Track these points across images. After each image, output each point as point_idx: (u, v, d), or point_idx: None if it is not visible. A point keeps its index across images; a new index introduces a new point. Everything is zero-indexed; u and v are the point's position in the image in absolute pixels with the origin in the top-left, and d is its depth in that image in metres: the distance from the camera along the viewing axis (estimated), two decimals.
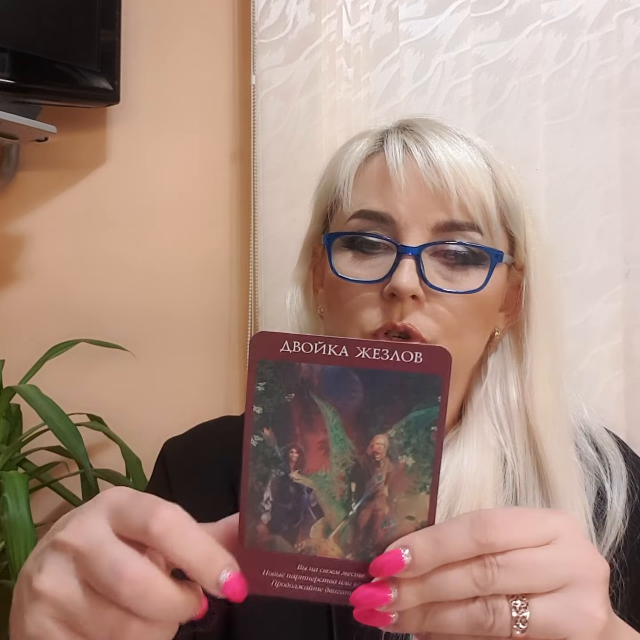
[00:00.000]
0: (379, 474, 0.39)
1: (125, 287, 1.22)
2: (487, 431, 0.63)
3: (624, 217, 1.02)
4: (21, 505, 0.89)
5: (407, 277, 0.56)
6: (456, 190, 0.57)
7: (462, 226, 0.58)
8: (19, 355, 1.14)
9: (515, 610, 0.36)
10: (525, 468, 0.61)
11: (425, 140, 0.60)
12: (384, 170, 0.60)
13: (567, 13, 1.02)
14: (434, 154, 0.58)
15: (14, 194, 1.25)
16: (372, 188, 0.60)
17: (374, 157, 0.62)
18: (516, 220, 0.62)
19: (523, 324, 0.63)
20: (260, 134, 1.09)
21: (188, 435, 0.72)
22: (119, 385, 1.22)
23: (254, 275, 1.12)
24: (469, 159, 0.59)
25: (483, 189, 0.58)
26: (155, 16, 1.21)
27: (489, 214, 0.59)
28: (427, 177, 0.58)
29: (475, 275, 0.59)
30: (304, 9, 1.08)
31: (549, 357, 0.63)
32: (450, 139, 0.60)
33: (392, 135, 0.61)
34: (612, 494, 0.62)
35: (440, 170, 0.58)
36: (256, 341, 0.38)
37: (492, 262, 0.59)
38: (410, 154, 0.59)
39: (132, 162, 1.23)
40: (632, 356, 1.02)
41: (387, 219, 0.59)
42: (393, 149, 0.60)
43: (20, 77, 1.07)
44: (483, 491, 0.60)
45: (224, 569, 0.36)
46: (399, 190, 0.58)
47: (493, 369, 0.65)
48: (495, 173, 0.60)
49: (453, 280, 0.59)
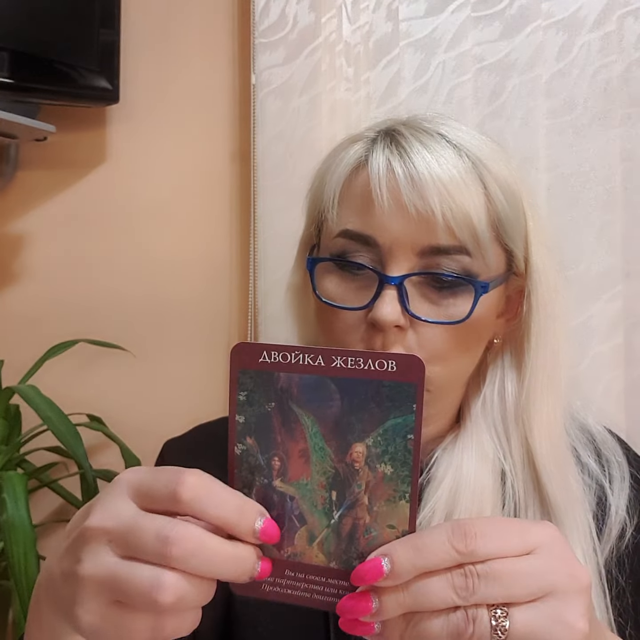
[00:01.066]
0: (358, 483, 0.39)
1: (125, 286, 1.22)
2: (486, 443, 0.62)
3: (624, 217, 1.02)
4: (20, 506, 0.89)
5: (388, 308, 0.54)
6: (442, 213, 0.54)
7: (449, 250, 0.56)
8: (18, 355, 1.14)
9: (495, 619, 0.36)
10: (524, 484, 0.60)
11: (409, 157, 0.56)
12: (368, 187, 0.57)
13: (567, 12, 1.02)
14: (416, 172, 0.55)
15: (13, 194, 1.25)
16: (356, 205, 0.58)
17: (360, 171, 0.59)
18: (512, 233, 0.59)
19: (524, 334, 0.62)
20: (260, 134, 1.09)
21: (187, 436, 0.72)
22: (118, 385, 1.22)
23: (254, 275, 1.12)
24: (457, 174, 0.55)
25: (471, 210, 0.55)
26: (155, 16, 1.21)
27: (478, 235, 0.55)
28: (410, 200, 0.55)
29: (465, 297, 0.56)
30: (304, 9, 1.07)
31: (549, 370, 0.62)
32: (437, 152, 0.56)
33: (377, 148, 0.58)
34: (613, 500, 0.62)
35: (424, 192, 0.54)
36: (236, 351, 0.39)
37: (477, 293, 0.56)
38: (392, 173, 0.56)
39: (131, 162, 1.23)
40: (632, 356, 1.02)
41: (371, 242, 0.57)
42: (377, 167, 0.57)
43: (19, 77, 1.07)
44: (482, 499, 0.59)
45: (257, 517, 0.38)
46: (381, 213, 0.56)
47: (491, 378, 0.64)
48: (488, 185, 0.57)
49: (440, 304, 0.57)
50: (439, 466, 0.61)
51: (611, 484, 0.62)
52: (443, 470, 0.60)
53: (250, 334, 1.15)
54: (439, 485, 0.59)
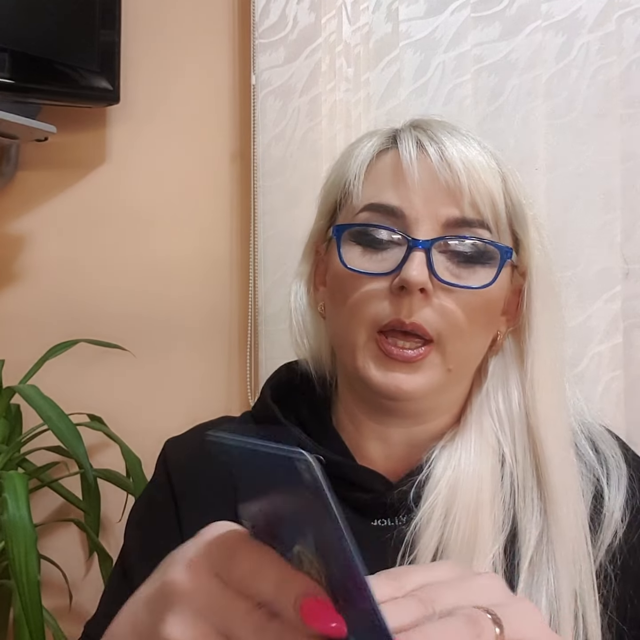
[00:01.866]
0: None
1: (125, 286, 1.22)
2: (487, 430, 0.62)
3: (624, 217, 1.02)
4: (21, 505, 0.89)
5: (418, 269, 0.56)
6: (468, 187, 0.58)
7: (473, 223, 0.59)
8: (19, 355, 1.14)
9: None
10: (524, 469, 0.61)
11: (438, 138, 0.60)
12: (397, 165, 0.60)
13: (567, 13, 1.02)
14: (447, 151, 0.59)
15: (13, 194, 1.25)
16: (384, 182, 0.60)
17: (386, 153, 0.62)
18: (522, 222, 0.62)
19: (524, 327, 0.63)
20: (260, 134, 1.09)
21: (188, 435, 0.73)
22: (119, 385, 1.22)
23: (254, 275, 1.12)
24: (481, 157, 0.60)
25: (494, 188, 0.59)
26: (155, 16, 1.21)
27: (498, 212, 0.59)
28: (440, 173, 0.58)
29: (482, 273, 0.59)
30: (304, 9, 1.08)
31: (550, 360, 0.63)
32: (462, 139, 0.61)
33: (405, 132, 0.62)
34: (610, 496, 0.62)
35: (453, 167, 0.58)
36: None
37: (502, 258, 0.59)
38: (423, 150, 0.60)
39: (131, 162, 1.23)
40: (632, 356, 1.02)
41: (397, 213, 0.59)
42: (407, 145, 0.60)
43: (20, 77, 1.07)
44: (480, 493, 0.59)
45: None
46: (412, 184, 0.59)
47: (494, 372, 0.64)
48: (505, 175, 0.61)
49: (460, 277, 0.59)
50: (438, 463, 0.61)
51: (608, 479, 0.63)
52: (442, 467, 0.61)
53: (250, 334, 1.15)
54: (437, 482, 0.60)
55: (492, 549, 0.58)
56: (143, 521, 0.68)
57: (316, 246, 0.68)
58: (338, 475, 0.61)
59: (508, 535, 0.59)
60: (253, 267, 1.12)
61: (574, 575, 0.58)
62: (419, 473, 0.61)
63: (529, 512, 0.60)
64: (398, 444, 0.64)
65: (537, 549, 0.58)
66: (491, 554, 0.58)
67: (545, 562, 0.58)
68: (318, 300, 0.67)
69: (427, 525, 0.58)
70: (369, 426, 0.64)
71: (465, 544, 0.57)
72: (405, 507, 0.60)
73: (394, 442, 0.64)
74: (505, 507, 0.60)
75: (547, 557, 0.58)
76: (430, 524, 0.58)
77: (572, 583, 0.57)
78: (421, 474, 0.61)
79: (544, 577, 0.57)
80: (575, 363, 1.00)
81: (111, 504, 1.16)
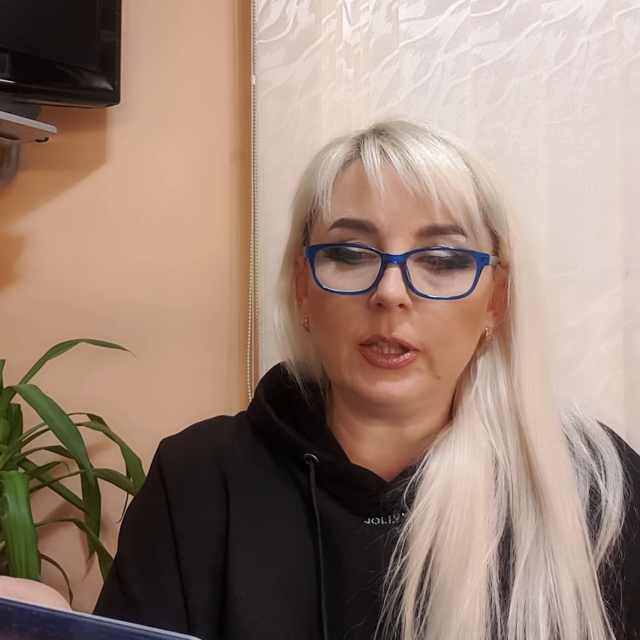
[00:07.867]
0: None
1: (126, 287, 1.22)
2: (479, 433, 0.62)
3: (624, 217, 1.02)
4: (21, 505, 0.89)
5: (394, 286, 0.55)
6: (437, 194, 0.56)
7: (446, 230, 0.57)
8: (19, 355, 1.14)
9: None
10: (517, 470, 0.61)
11: (402, 144, 0.58)
12: (362, 177, 0.58)
13: (567, 13, 1.02)
14: (412, 158, 0.57)
15: (14, 194, 1.25)
16: (351, 196, 0.59)
17: (352, 164, 0.60)
18: (499, 218, 0.61)
19: (509, 322, 0.62)
20: (260, 134, 1.09)
21: (182, 435, 0.72)
22: (119, 385, 1.22)
23: (254, 275, 1.12)
24: (448, 161, 0.58)
25: (464, 191, 0.57)
26: (155, 16, 1.21)
27: (472, 215, 0.57)
28: (407, 183, 0.56)
29: (462, 278, 0.58)
30: (304, 9, 1.08)
31: (537, 355, 0.62)
32: (427, 142, 0.58)
33: (369, 140, 0.60)
34: (606, 493, 0.62)
35: (420, 175, 0.56)
36: None
37: (479, 266, 0.58)
38: (388, 159, 0.58)
39: (132, 162, 1.23)
40: (632, 356, 1.02)
41: (368, 227, 0.58)
42: (370, 155, 0.58)
43: (20, 78, 1.07)
44: (474, 494, 0.59)
45: None
46: (378, 197, 0.57)
47: (482, 370, 0.64)
48: (476, 173, 0.59)
49: (439, 285, 0.57)
50: (431, 463, 0.61)
51: (604, 475, 0.63)
52: (435, 468, 0.60)
53: (250, 334, 1.15)
54: (431, 483, 0.60)
55: (486, 550, 0.58)
56: (136, 523, 0.68)
57: (295, 259, 0.68)
58: (332, 475, 0.62)
59: (502, 536, 0.59)
60: (253, 267, 1.12)
61: (574, 572, 0.58)
62: (412, 473, 0.61)
63: (523, 512, 0.60)
64: (391, 445, 0.64)
65: (533, 549, 0.58)
66: (486, 555, 0.57)
67: (542, 561, 0.58)
68: (302, 312, 0.67)
69: (420, 526, 0.58)
70: (362, 428, 0.64)
71: (460, 546, 0.57)
72: (399, 507, 0.60)
73: (387, 442, 0.64)
74: (500, 508, 0.60)
75: (544, 556, 0.58)
76: (423, 525, 0.58)
77: (572, 580, 0.57)
78: (414, 474, 0.61)
79: (541, 577, 0.57)
80: (575, 363, 1.00)
81: (111, 504, 1.17)
